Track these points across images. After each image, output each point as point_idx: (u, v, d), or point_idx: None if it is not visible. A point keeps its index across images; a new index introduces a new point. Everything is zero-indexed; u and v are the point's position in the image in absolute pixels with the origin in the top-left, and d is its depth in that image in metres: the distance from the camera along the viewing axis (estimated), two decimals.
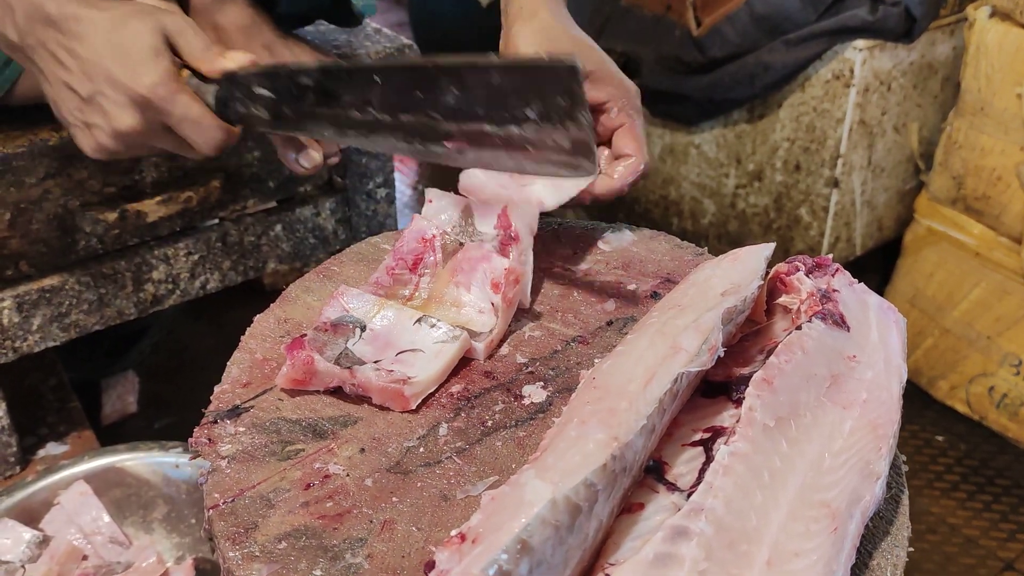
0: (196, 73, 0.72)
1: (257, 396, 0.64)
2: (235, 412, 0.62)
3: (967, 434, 1.59)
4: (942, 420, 1.62)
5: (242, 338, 0.69)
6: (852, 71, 1.49)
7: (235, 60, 0.72)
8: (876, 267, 1.78)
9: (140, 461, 1.06)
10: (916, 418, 1.62)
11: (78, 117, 0.72)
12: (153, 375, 1.56)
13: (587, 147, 0.61)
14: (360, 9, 1.01)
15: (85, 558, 0.99)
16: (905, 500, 0.59)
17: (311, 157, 0.94)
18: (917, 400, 1.65)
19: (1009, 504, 1.46)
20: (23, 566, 0.95)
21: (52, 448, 1.13)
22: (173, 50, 0.72)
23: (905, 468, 0.62)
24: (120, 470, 1.06)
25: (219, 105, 0.72)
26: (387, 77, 0.66)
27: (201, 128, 0.72)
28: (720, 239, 1.80)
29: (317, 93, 0.69)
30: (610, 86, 0.78)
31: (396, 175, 1.24)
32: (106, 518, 1.02)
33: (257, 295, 1.61)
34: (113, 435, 1.42)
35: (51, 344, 1.02)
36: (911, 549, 0.56)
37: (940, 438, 1.59)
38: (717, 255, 0.71)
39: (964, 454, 1.55)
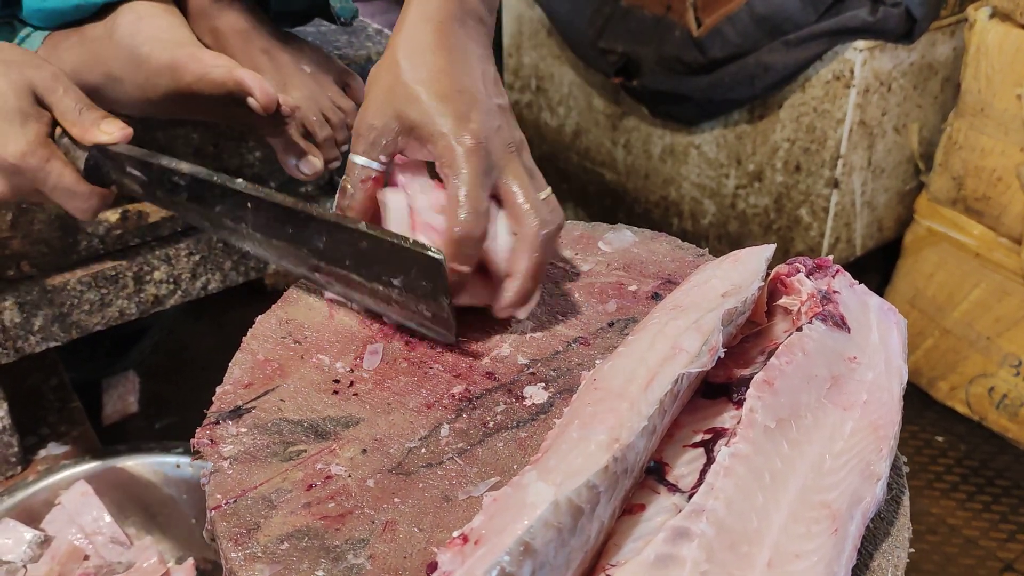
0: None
1: (259, 397, 0.64)
2: (237, 413, 0.63)
3: (967, 435, 1.59)
4: (942, 421, 1.62)
5: (244, 339, 0.70)
6: (852, 72, 1.49)
7: (109, 134, 0.69)
8: (876, 268, 1.78)
9: (141, 461, 1.06)
10: (916, 419, 1.63)
11: None
12: (154, 375, 1.57)
13: (446, 322, 0.65)
14: (338, 12, 1.00)
15: (86, 558, 0.99)
16: (906, 501, 0.59)
17: (312, 164, 0.94)
18: (917, 401, 1.65)
19: (1009, 505, 1.46)
20: (24, 566, 0.95)
21: (53, 448, 1.13)
22: (44, 106, 0.69)
23: (906, 469, 0.62)
24: (121, 470, 1.06)
25: (90, 169, 0.70)
26: (258, 207, 0.66)
27: (74, 196, 0.70)
28: (720, 240, 1.80)
29: (190, 193, 0.68)
30: (429, 144, 0.67)
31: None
32: (107, 518, 1.02)
33: (258, 295, 1.62)
34: (114, 435, 1.42)
35: (52, 344, 1.02)
36: (911, 550, 0.56)
37: (940, 439, 1.59)
38: (717, 256, 0.71)
39: (964, 455, 1.56)
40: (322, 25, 1.20)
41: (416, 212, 0.68)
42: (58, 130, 0.70)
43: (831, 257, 0.67)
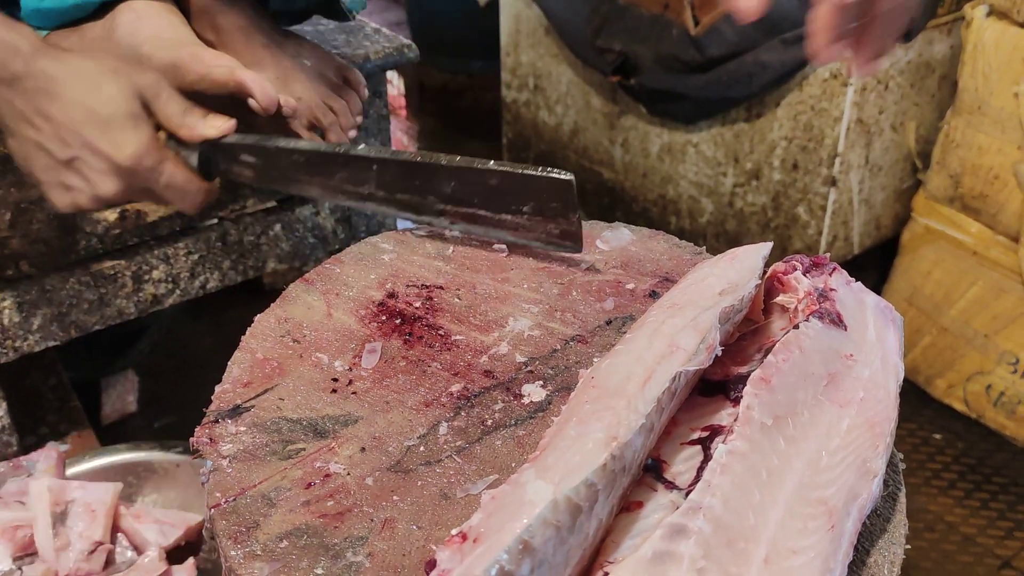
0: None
1: (258, 396, 0.64)
2: (236, 411, 0.63)
3: (964, 432, 1.60)
4: (940, 418, 1.63)
5: (242, 338, 0.70)
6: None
7: (215, 127, 0.72)
8: (874, 266, 1.79)
9: (140, 460, 1.06)
10: (914, 416, 1.63)
11: (54, 177, 0.70)
12: (153, 374, 1.57)
13: (575, 235, 0.74)
14: (348, 6, 1.01)
15: None
16: (902, 498, 0.59)
17: None
18: (915, 398, 1.66)
19: (1006, 502, 1.46)
20: (20, 568, 0.95)
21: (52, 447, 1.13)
22: (149, 111, 0.71)
23: (902, 466, 0.62)
24: (120, 469, 1.06)
25: (202, 164, 0.73)
26: (384, 167, 0.72)
27: (186, 193, 0.72)
28: (718, 238, 1.80)
29: (310, 168, 0.73)
30: None
31: None
32: None
33: (257, 294, 1.62)
34: (113, 434, 1.42)
35: (51, 344, 1.02)
36: (908, 547, 0.56)
37: (938, 436, 1.59)
38: (715, 254, 0.71)
39: (961, 452, 1.56)
40: (319, 24, 1.20)
41: None
42: (162, 134, 0.72)
43: (828, 255, 0.67)
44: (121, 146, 0.68)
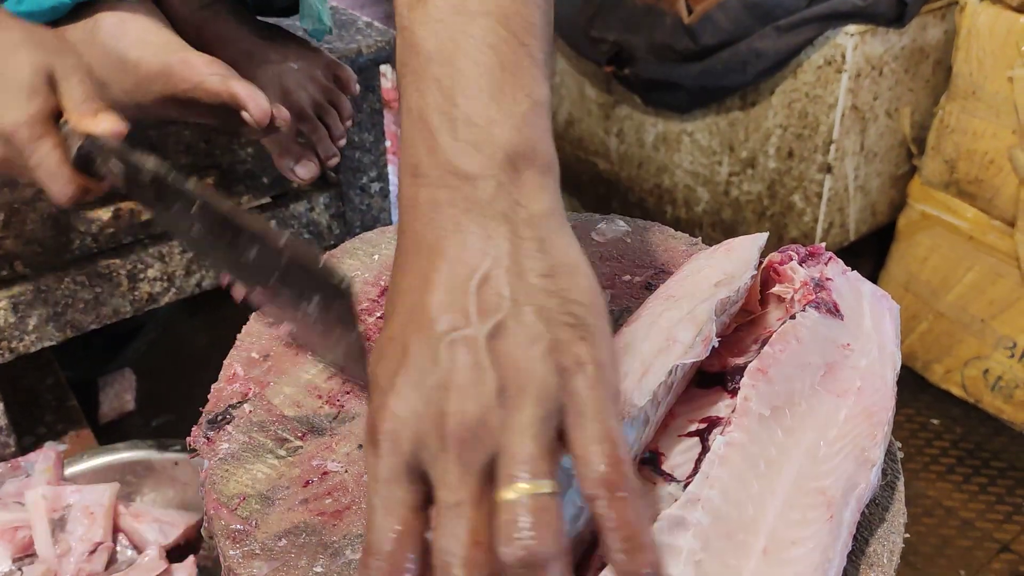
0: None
1: (254, 394, 0.64)
2: (232, 410, 0.63)
3: (962, 417, 1.60)
4: (937, 403, 1.63)
5: (237, 336, 0.70)
6: (844, 56, 1.49)
7: (101, 126, 0.70)
8: (870, 252, 1.79)
9: (139, 459, 1.06)
10: (911, 402, 1.63)
11: None
12: (150, 373, 1.56)
13: (360, 363, 0.56)
14: (311, 33, 0.99)
15: None
16: (901, 487, 0.59)
17: (307, 168, 0.94)
18: (912, 384, 1.66)
19: (1005, 486, 1.47)
20: (20, 569, 0.95)
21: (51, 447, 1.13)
22: (55, 89, 0.70)
23: (900, 454, 0.62)
24: (119, 468, 1.06)
25: (81, 158, 0.70)
26: (202, 211, 0.63)
27: (54, 180, 0.70)
28: (714, 227, 1.80)
29: (154, 190, 0.67)
30: None
31: (390, 169, 1.24)
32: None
33: None
34: (111, 433, 1.42)
35: (48, 344, 1.02)
36: (907, 535, 0.56)
37: (935, 421, 1.59)
38: (711, 243, 0.71)
39: (960, 437, 1.56)
40: None
41: None
42: (63, 119, 0.71)
43: (824, 244, 0.67)
44: (7, 111, 0.68)
